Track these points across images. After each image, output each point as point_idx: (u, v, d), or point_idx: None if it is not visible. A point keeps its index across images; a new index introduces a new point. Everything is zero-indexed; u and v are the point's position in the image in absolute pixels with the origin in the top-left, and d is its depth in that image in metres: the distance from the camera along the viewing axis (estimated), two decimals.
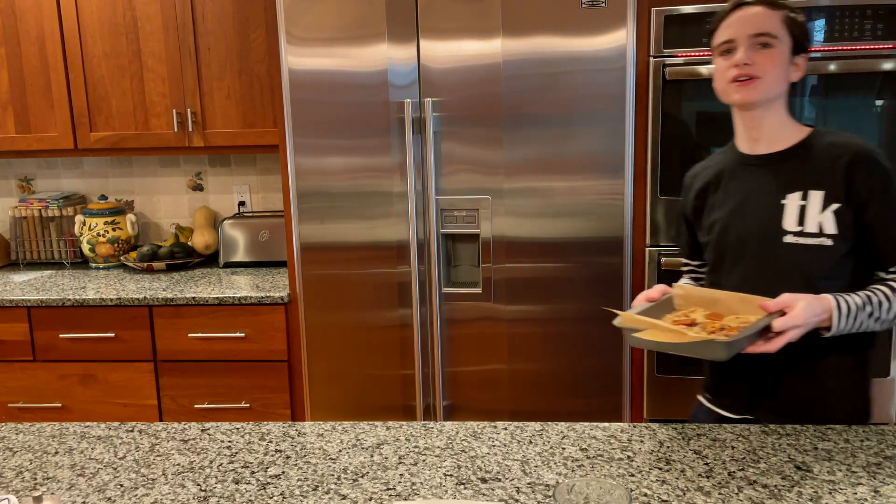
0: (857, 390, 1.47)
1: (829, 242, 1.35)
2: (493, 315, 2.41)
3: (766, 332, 1.28)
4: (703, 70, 2.26)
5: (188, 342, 2.58)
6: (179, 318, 2.57)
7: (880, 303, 1.33)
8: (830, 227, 1.35)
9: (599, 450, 1.34)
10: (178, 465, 1.33)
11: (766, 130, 1.44)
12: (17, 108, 2.82)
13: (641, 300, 1.46)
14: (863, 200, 1.34)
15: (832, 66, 2.23)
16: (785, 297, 1.28)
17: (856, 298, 1.32)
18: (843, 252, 1.37)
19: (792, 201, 1.38)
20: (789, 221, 1.37)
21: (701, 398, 1.63)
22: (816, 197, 1.36)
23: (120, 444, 1.42)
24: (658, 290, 1.45)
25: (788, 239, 1.37)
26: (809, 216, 1.35)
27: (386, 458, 1.33)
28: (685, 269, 1.69)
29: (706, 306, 1.41)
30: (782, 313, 1.28)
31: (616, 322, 1.38)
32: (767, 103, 1.42)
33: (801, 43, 1.42)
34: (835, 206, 1.35)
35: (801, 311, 1.26)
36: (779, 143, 1.44)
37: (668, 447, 1.34)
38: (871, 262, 1.42)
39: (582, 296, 2.36)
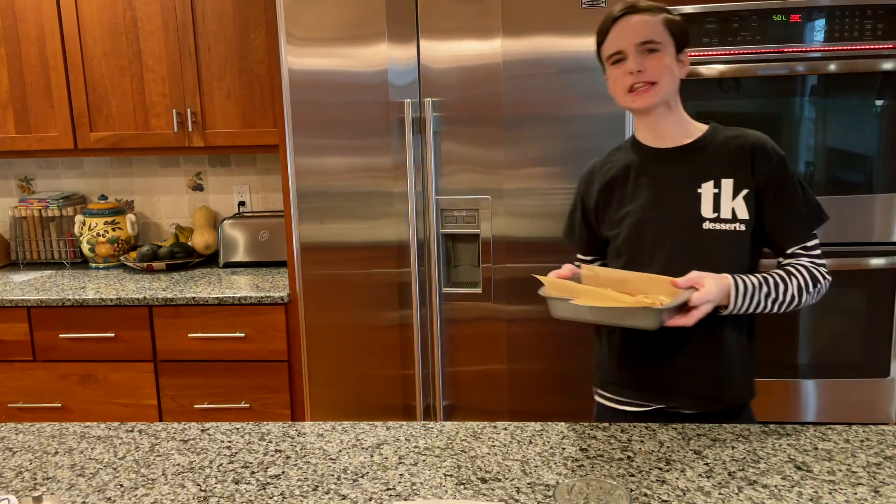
0: (750, 370, 1.55)
1: (742, 227, 1.45)
2: (493, 315, 2.41)
3: (682, 307, 1.34)
4: (704, 70, 2.26)
5: (188, 342, 2.58)
6: (179, 318, 2.57)
7: (776, 284, 1.42)
8: (743, 213, 1.44)
9: (599, 450, 1.34)
10: (178, 465, 1.33)
11: (670, 127, 1.52)
12: (17, 108, 2.82)
13: (562, 277, 1.48)
14: (762, 185, 1.45)
15: (832, 66, 2.24)
16: (694, 275, 1.36)
17: (752, 279, 1.41)
18: (751, 235, 1.47)
19: (706, 190, 1.45)
20: (706, 209, 1.45)
21: (601, 400, 1.63)
22: (728, 185, 1.44)
23: (120, 444, 1.42)
24: (568, 269, 1.49)
25: (707, 225, 1.45)
26: (723, 203, 1.44)
27: (386, 458, 1.33)
28: (577, 264, 1.70)
29: (615, 286, 1.44)
30: (693, 291, 1.35)
31: (542, 291, 1.40)
32: (665, 103, 1.49)
33: (682, 42, 1.49)
34: (744, 191, 1.44)
35: (712, 287, 1.34)
36: (683, 137, 1.52)
37: (668, 447, 1.34)
38: (761, 245, 1.52)
39: None
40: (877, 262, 2.32)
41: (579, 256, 1.71)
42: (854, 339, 2.38)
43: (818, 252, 1.49)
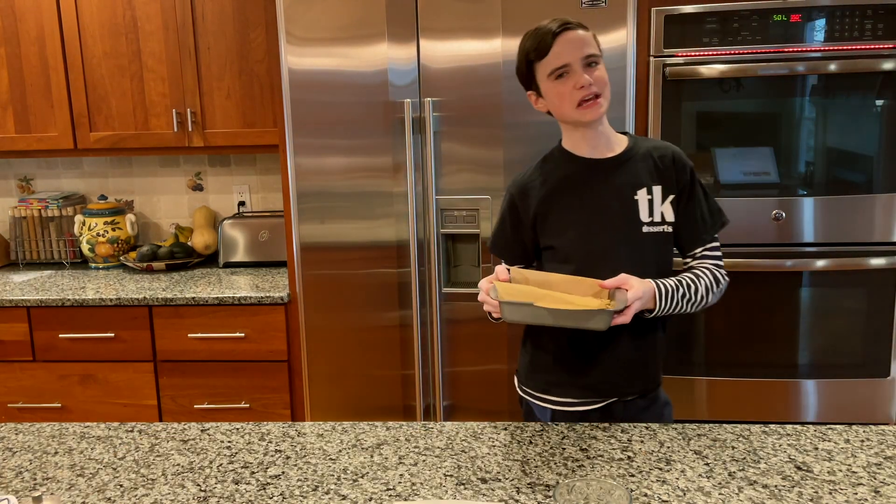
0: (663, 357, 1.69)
1: (669, 229, 1.57)
2: None
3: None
4: (704, 70, 2.26)
5: (188, 342, 2.58)
6: (179, 318, 2.57)
7: (689, 285, 1.53)
8: (670, 216, 1.57)
9: (599, 450, 1.34)
10: (178, 465, 1.33)
11: (604, 139, 1.59)
12: (17, 108, 2.82)
13: (501, 279, 1.51)
14: (678, 191, 1.57)
15: (832, 66, 2.24)
16: (622, 276, 1.45)
17: (669, 283, 1.51)
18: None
19: (641, 196, 1.56)
20: (643, 214, 1.55)
21: (549, 405, 1.64)
22: (658, 191, 1.56)
23: (120, 444, 1.42)
24: (503, 271, 1.53)
25: (645, 229, 1.56)
26: (655, 208, 1.56)
27: (386, 458, 1.33)
28: (507, 267, 1.72)
29: (541, 287, 1.49)
30: (624, 291, 1.44)
31: (494, 296, 1.42)
32: (602, 115, 1.56)
33: (602, 55, 1.58)
34: (671, 197, 1.56)
35: (639, 286, 1.44)
36: (613, 147, 1.60)
37: (668, 447, 1.34)
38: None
39: None
40: (877, 262, 2.32)
41: (503, 264, 1.72)
42: (854, 339, 2.38)
43: (719, 254, 1.61)
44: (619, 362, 1.59)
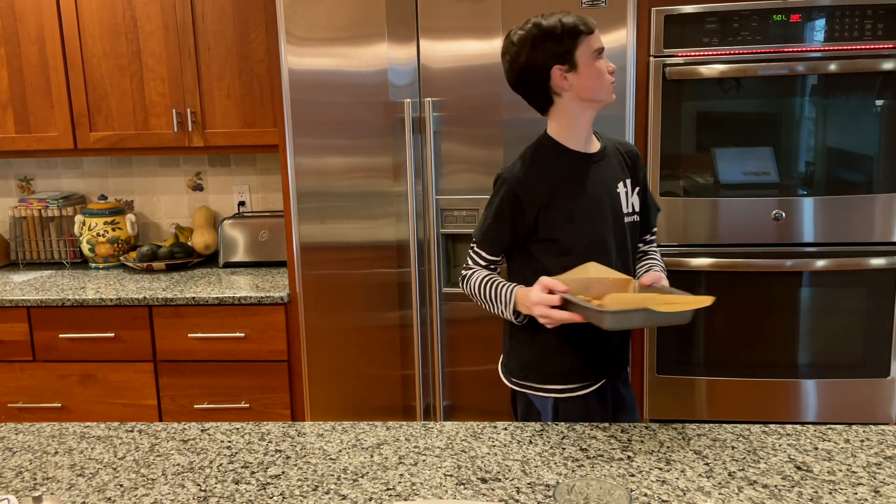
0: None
1: (638, 218, 1.72)
2: (493, 315, 2.40)
3: None
4: (704, 70, 2.26)
5: (188, 342, 2.58)
6: (179, 318, 2.57)
7: (663, 269, 1.75)
8: (637, 206, 1.72)
9: (599, 450, 1.34)
10: (178, 465, 1.33)
11: (590, 132, 1.69)
12: (17, 108, 2.82)
13: (559, 291, 1.50)
14: (640, 184, 1.73)
15: (832, 66, 2.24)
16: (654, 273, 1.57)
17: (662, 272, 1.71)
18: None
19: (621, 189, 1.68)
20: (624, 205, 1.68)
21: (551, 395, 1.66)
22: (628, 184, 1.69)
23: (120, 444, 1.42)
24: (558, 283, 1.51)
25: (626, 219, 1.68)
26: (629, 199, 1.69)
27: (386, 458, 1.34)
28: (483, 262, 1.72)
29: (582, 291, 1.52)
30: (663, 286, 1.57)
31: (603, 307, 1.41)
32: None
33: None
34: (637, 189, 1.71)
35: (664, 281, 1.59)
36: (595, 141, 1.69)
37: (668, 447, 1.34)
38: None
39: None
40: (877, 262, 2.32)
41: (485, 255, 1.71)
42: (854, 339, 2.38)
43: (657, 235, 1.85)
44: (610, 344, 1.68)
